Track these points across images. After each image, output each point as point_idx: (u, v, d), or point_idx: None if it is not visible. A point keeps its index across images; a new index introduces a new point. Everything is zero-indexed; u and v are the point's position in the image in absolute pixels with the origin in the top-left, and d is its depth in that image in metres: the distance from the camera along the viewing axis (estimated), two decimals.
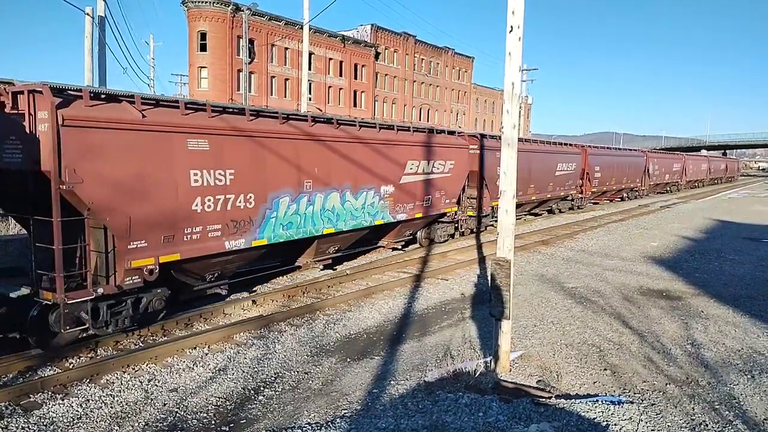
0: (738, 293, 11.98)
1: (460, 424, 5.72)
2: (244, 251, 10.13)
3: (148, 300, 8.84)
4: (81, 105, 7.61)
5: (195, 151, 8.93)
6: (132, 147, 8.06)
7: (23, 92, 7.43)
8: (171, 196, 8.62)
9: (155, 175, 8.38)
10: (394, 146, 14.08)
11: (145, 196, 8.25)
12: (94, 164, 7.62)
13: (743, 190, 56.94)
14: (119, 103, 8.18)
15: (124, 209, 7.98)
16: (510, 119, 7.27)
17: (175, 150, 8.64)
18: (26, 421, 6.14)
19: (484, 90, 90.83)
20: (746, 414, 6.27)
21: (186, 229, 8.90)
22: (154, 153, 8.36)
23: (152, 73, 41.89)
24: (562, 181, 26.73)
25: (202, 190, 9.06)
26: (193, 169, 8.91)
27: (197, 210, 9.03)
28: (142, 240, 8.32)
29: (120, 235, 8.02)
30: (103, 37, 19.83)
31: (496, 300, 7.25)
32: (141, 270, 8.33)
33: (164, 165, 8.50)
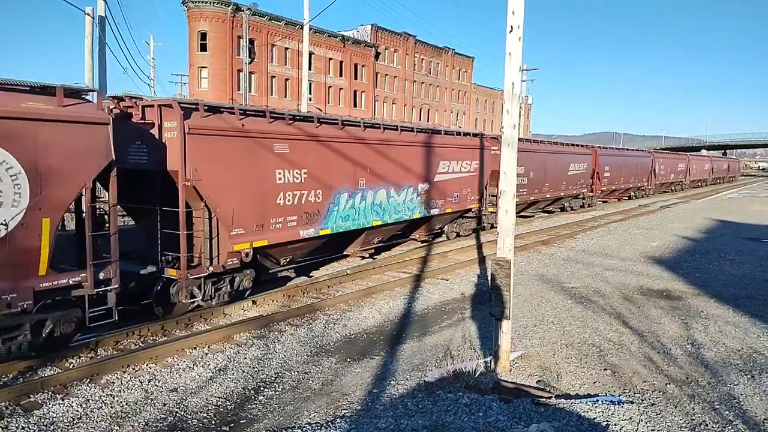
0: (738, 293, 11.98)
1: (460, 424, 5.72)
2: (312, 239, 11.93)
3: (240, 279, 10.52)
4: (198, 116, 9.33)
5: (279, 154, 10.76)
6: (235, 150, 9.86)
7: (153, 106, 9.26)
8: (262, 191, 10.49)
9: (251, 174, 10.19)
10: (429, 148, 15.65)
11: (244, 191, 10.07)
12: (209, 165, 9.35)
13: (743, 190, 56.95)
14: (222, 114, 9.89)
15: (229, 202, 9.76)
16: (510, 119, 7.28)
17: (265, 153, 10.48)
18: (26, 421, 6.14)
19: (484, 90, 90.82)
20: (746, 414, 6.27)
21: (272, 219, 10.76)
22: (251, 155, 10.17)
23: (152, 73, 41.94)
24: (574, 180, 28.03)
25: (284, 186, 10.93)
26: (277, 169, 10.76)
27: (280, 203, 10.90)
28: (241, 228, 10.09)
29: (225, 224, 9.78)
30: (103, 37, 19.84)
31: (496, 300, 7.25)
32: (239, 253, 10.09)
33: (258, 165, 10.33)
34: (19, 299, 6.94)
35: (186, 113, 9.09)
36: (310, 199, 11.57)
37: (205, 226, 9.66)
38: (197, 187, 9.17)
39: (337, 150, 12.15)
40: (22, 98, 7.03)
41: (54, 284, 7.32)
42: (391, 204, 14.27)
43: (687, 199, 40.00)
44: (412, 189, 15.06)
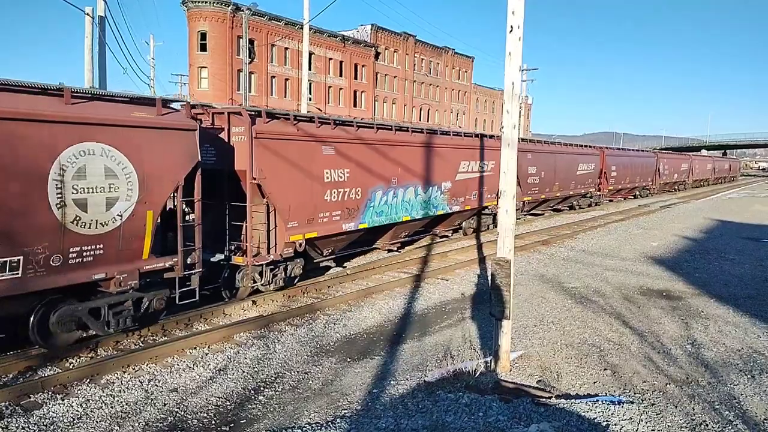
0: (738, 293, 11.98)
1: (460, 424, 5.72)
2: (352, 232, 13.17)
3: (293, 267, 11.57)
4: (262, 122, 10.56)
5: (326, 155, 11.97)
6: (291, 152, 11.05)
7: (223, 113, 10.53)
8: (313, 188, 11.71)
9: (304, 173, 11.39)
10: (451, 149, 16.85)
11: (299, 188, 11.30)
12: (271, 165, 10.54)
13: (743, 190, 56.95)
14: (279, 120, 11.10)
15: (286, 198, 10.98)
16: (510, 119, 7.28)
17: (315, 154, 11.71)
18: (26, 421, 6.14)
19: (484, 90, 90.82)
20: (746, 414, 6.27)
21: (320, 213, 11.96)
22: (304, 156, 11.41)
23: (152, 73, 41.88)
24: (582, 179, 29.11)
25: (330, 184, 12.14)
26: (325, 169, 11.98)
27: (327, 199, 12.11)
28: (296, 221, 11.29)
29: (283, 217, 10.98)
30: (103, 37, 19.84)
31: (496, 300, 7.25)
32: (294, 243, 11.30)
33: (310, 165, 11.54)
34: (129, 279, 8.18)
35: (252, 119, 10.34)
36: (351, 196, 12.85)
37: (266, 219, 10.89)
38: (261, 184, 10.44)
39: (373, 151, 13.44)
40: (130, 109, 8.24)
41: (154, 267, 8.59)
42: (418, 201, 15.45)
43: (687, 199, 40.01)
44: (436, 187, 16.18)
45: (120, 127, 7.85)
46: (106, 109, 7.92)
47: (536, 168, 23.43)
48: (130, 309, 8.42)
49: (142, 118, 8.16)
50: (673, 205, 34.27)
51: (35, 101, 7.17)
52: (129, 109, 8.20)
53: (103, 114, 7.76)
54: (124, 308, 8.34)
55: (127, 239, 8.05)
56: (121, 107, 8.17)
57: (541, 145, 24.98)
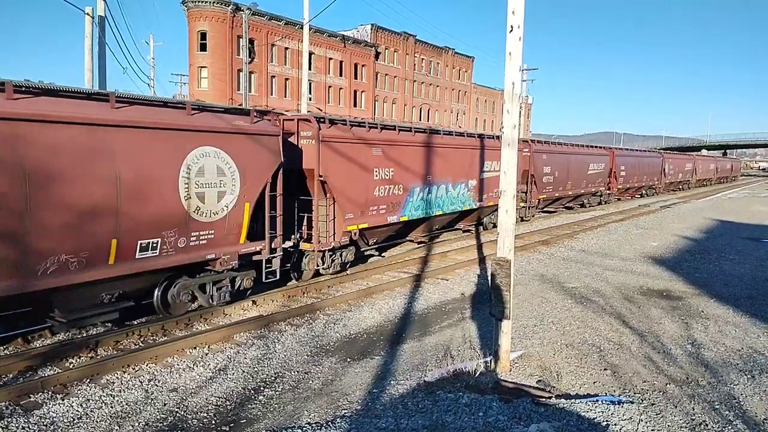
0: (738, 293, 11.98)
1: (460, 424, 5.72)
2: (394, 224, 14.87)
3: (346, 254, 13.28)
4: (325, 127, 12.17)
5: (375, 156, 13.59)
6: (349, 153, 12.64)
7: (293, 119, 12.07)
8: (366, 185, 13.38)
9: (359, 171, 13.01)
10: (476, 150, 18.44)
11: (354, 184, 12.94)
12: (333, 164, 12.15)
13: (743, 190, 56.95)
14: (337, 124, 12.67)
15: (344, 192, 12.62)
16: (510, 119, 7.27)
17: (367, 155, 13.32)
18: (26, 420, 6.14)
19: (484, 90, 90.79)
20: (746, 414, 6.27)
21: (370, 207, 13.60)
22: (358, 157, 12.97)
23: (152, 73, 41.84)
24: (593, 178, 30.61)
25: (379, 181, 13.81)
26: (375, 167, 13.61)
27: (376, 195, 13.76)
28: (351, 213, 12.93)
29: (342, 210, 12.60)
30: (103, 37, 19.83)
31: (496, 300, 7.25)
32: (350, 233, 12.99)
33: (363, 165, 13.14)
34: (230, 260, 9.82)
35: (318, 125, 11.91)
36: (395, 192, 14.49)
37: (328, 211, 12.38)
38: (325, 181, 12.02)
39: (412, 152, 15.11)
40: (231, 118, 9.86)
41: (248, 250, 10.21)
42: (449, 197, 17.00)
43: (687, 199, 40.00)
44: (464, 185, 17.77)
45: (226, 134, 9.52)
46: (214, 118, 9.60)
47: (551, 168, 24.84)
48: (228, 286, 10.16)
49: (241, 125, 9.87)
50: (673, 205, 34.27)
51: (166, 113, 8.78)
52: (230, 118, 9.87)
53: (214, 122, 9.43)
54: (223, 285, 10.10)
55: (231, 226, 9.74)
56: (224, 116, 9.83)
57: (555, 146, 26.56)
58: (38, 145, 7.08)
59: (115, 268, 8.06)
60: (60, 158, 7.28)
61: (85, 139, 7.56)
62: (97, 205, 7.66)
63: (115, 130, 7.89)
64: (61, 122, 7.32)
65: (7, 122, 6.79)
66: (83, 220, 7.52)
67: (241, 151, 9.73)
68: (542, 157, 24.09)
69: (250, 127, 10.01)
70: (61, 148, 7.30)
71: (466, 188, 17.81)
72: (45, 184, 7.10)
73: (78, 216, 7.46)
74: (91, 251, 7.69)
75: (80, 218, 7.49)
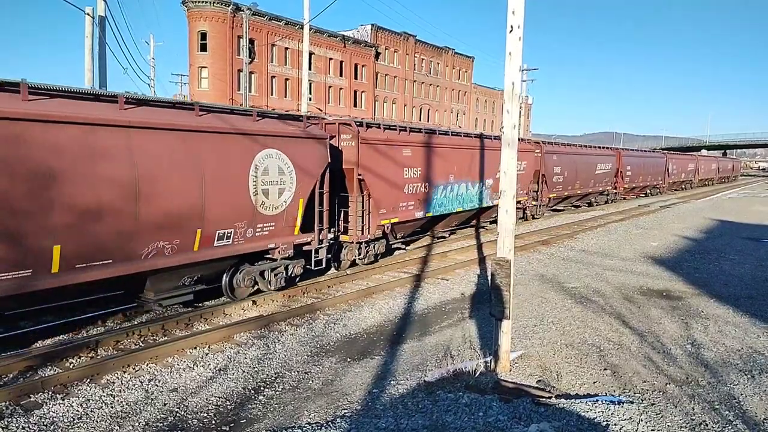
0: (738, 293, 11.99)
1: (460, 424, 5.73)
2: (420, 219, 16.03)
3: (378, 246, 14.65)
4: (363, 130, 13.47)
5: (405, 156, 14.79)
6: (383, 153, 13.84)
7: (334, 123, 13.33)
8: (397, 183, 14.52)
9: (391, 170, 14.22)
10: (494, 151, 19.00)
11: (388, 182, 14.10)
12: (370, 164, 13.41)
13: (743, 190, 56.95)
14: (372, 128, 14.00)
15: (379, 189, 13.79)
16: (510, 119, 7.28)
17: (398, 155, 14.49)
18: (26, 420, 6.14)
19: (484, 90, 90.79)
20: (746, 414, 6.27)
21: (401, 203, 14.79)
22: (391, 157, 14.17)
23: (152, 73, 41.83)
24: (600, 178, 31.90)
25: (408, 180, 14.94)
26: (405, 167, 14.78)
27: (405, 192, 14.92)
28: (384, 209, 14.14)
29: (377, 205, 13.85)
30: (103, 37, 19.83)
31: (496, 300, 7.25)
32: (383, 226, 14.28)
33: (395, 164, 14.36)
34: (287, 249, 11.11)
35: (358, 129, 13.22)
36: (422, 189, 15.64)
37: (364, 206, 13.63)
38: (363, 179, 13.29)
39: (437, 153, 16.13)
40: (286, 123, 11.25)
41: (301, 241, 11.49)
42: (468, 195, 18.27)
43: (687, 199, 40.01)
44: (481, 184, 18.99)
45: (285, 137, 10.81)
46: (274, 123, 10.91)
47: (560, 168, 26.07)
48: (283, 272, 11.34)
49: (296, 130, 11.18)
50: (673, 205, 34.28)
51: (237, 120, 10.06)
52: (286, 124, 11.19)
53: (275, 127, 10.75)
54: (279, 271, 11.25)
55: (288, 219, 10.98)
56: (280, 122, 11.14)
57: (565, 147, 27.88)
58: (145, 153, 8.28)
59: (199, 254, 9.33)
60: (162, 164, 8.48)
61: (181, 146, 8.81)
62: (189, 200, 8.90)
63: (202, 136, 9.15)
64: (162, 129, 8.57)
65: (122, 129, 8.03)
66: (178, 213, 8.79)
67: (297, 152, 11.00)
68: (552, 158, 25.32)
69: (304, 132, 11.35)
70: (162, 155, 8.52)
71: (484, 187, 19.05)
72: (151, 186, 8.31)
73: (174, 209, 8.73)
74: (181, 239, 8.94)
75: (176, 212, 8.76)
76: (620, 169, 34.60)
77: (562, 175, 26.27)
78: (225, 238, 9.69)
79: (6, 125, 6.85)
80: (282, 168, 10.63)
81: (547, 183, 25.02)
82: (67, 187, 7.38)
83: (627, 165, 35.66)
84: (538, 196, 24.82)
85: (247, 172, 9.90)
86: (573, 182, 27.75)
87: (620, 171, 34.65)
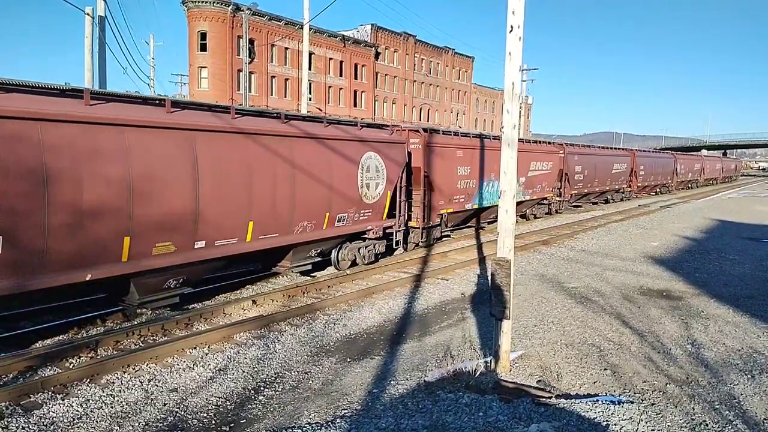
0: (738, 293, 11.98)
1: (460, 424, 5.72)
2: (469, 210, 19.23)
3: (435, 232, 17.66)
4: (428, 135, 16.44)
5: (458, 157, 17.81)
6: (441, 155, 16.83)
7: (404, 130, 16.24)
8: (452, 179, 17.66)
9: (448, 169, 17.32)
10: (527, 153, 22.67)
11: (446, 178, 17.21)
12: (432, 163, 16.45)
13: (743, 190, 56.95)
14: (433, 133, 16.82)
15: (439, 184, 16.85)
16: (510, 119, 7.27)
17: (453, 156, 17.57)
18: (26, 420, 6.13)
19: (484, 90, 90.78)
20: (746, 414, 6.27)
21: (454, 196, 17.93)
22: (448, 158, 17.26)
23: (152, 73, 41.81)
24: (616, 177, 34.96)
25: (460, 176, 18.04)
26: (457, 166, 17.84)
27: (458, 187, 18.00)
28: (442, 200, 17.23)
29: (437, 197, 16.88)
30: (103, 37, 19.83)
31: (497, 300, 7.25)
32: (442, 215, 17.63)
33: (451, 163, 17.47)
34: (377, 231, 14.10)
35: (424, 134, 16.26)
36: (470, 185, 18.67)
37: (428, 198, 16.54)
38: (428, 175, 16.29)
39: (482, 154, 19.03)
40: (378, 131, 14.39)
41: (387, 225, 14.55)
42: None
43: (687, 199, 40.00)
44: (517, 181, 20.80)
45: (380, 142, 13.85)
46: (372, 131, 14.00)
47: (581, 167, 29.39)
48: (372, 249, 14.27)
49: (386, 136, 14.36)
50: (673, 205, 34.28)
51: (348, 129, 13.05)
52: (379, 131, 14.45)
53: (374, 134, 13.87)
54: (370, 249, 14.20)
55: (379, 207, 13.98)
56: (374, 129, 14.35)
57: (586, 149, 31.39)
58: (301, 156, 11.21)
59: (326, 232, 12.35)
60: (308, 164, 11.43)
61: (317, 149, 11.75)
62: (323, 190, 11.88)
63: (330, 142, 12.13)
64: (307, 137, 11.53)
65: (285, 138, 10.92)
66: (317, 200, 11.82)
67: (387, 154, 14.04)
68: (574, 158, 28.57)
69: (389, 137, 14.43)
70: (308, 157, 11.48)
71: (519, 183, 21.62)
72: (304, 181, 11.30)
73: (315, 197, 11.74)
74: (317, 219, 11.93)
75: (316, 199, 11.76)
76: (634, 168, 36.92)
77: (582, 173, 29.38)
78: (341, 221, 12.81)
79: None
80: (378, 166, 13.63)
81: (570, 181, 28.10)
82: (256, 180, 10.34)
83: (641, 165, 38.01)
84: (562, 193, 27.82)
85: (356, 169, 12.89)
86: (592, 180, 31.04)
87: (634, 170, 36.93)
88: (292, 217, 11.16)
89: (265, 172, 10.36)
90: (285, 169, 10.77)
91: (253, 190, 10.06)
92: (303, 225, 11.51)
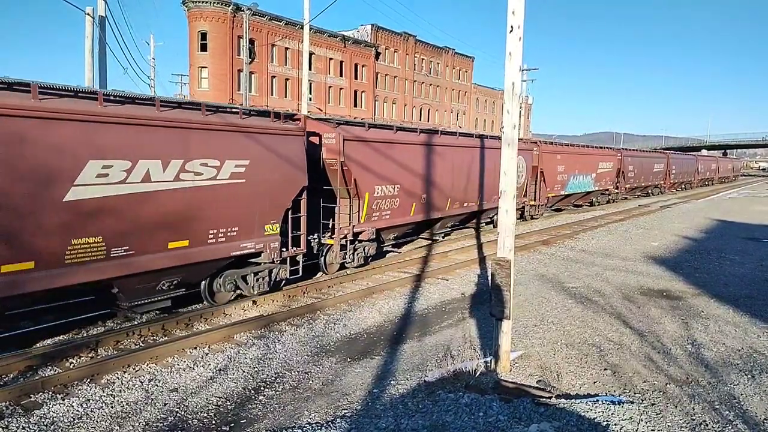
0: (738, 293, 11.98)
1: (460, 424, 5.73)
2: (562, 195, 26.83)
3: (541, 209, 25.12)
4: (544, 144, 24.92)
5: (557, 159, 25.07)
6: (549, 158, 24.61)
7: (524, 140, 23.49)
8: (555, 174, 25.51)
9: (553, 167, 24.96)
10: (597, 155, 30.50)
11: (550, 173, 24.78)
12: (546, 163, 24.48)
13: (743, 189, 56.93)
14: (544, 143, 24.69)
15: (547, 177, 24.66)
16: (510, 119, 7.26)
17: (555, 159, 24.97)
18: (27, 420, 6.14)
19: (484, 90, 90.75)
20: (746, 414, 6.27)
21: (554, 185, 25.27)
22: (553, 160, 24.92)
23: (152, 73, 41.81)
24: (656, 175, 42.76)
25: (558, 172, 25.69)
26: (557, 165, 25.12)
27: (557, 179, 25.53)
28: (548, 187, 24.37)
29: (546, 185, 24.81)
30: (103, 37, 19.83)
31: (497, 300, 7.25)
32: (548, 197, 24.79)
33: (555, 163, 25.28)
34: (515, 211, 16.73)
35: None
36: (564, 178, 26.02)
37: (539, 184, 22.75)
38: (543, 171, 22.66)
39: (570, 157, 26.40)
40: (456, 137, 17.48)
41: (519, 202, 14.46)
42: (585, 182, 29.18)
43: (687, 199, 39.99)
44: (590, 175, 29.73)
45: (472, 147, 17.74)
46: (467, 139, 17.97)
47: (632, 167, 34.87)
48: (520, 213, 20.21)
49: (523, 144, 17.18)
50: (673, 205, 34.27)
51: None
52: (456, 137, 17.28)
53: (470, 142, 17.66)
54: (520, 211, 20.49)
55: (518, 193, 16.18)
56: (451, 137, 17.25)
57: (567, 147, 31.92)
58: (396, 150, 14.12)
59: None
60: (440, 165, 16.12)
61: (464, 154, 17.27)
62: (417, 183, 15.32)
63: (453, 149, 16.71)
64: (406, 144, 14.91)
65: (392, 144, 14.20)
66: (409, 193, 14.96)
67: (525, 157, 20.56)
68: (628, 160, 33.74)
69: (525, 144, 20.15)
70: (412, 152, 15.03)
71: (590, 178, 29.73)
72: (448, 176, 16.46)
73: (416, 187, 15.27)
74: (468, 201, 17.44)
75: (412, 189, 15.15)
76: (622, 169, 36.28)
77: (633, 172, 36.46)
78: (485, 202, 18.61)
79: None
80: (519, 165, 16.71)
81: (624, 178, 34.83)
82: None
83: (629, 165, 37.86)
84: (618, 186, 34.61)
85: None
86: (639, 177, 37.89)
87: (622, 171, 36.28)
88: (435, 203, 16.33)
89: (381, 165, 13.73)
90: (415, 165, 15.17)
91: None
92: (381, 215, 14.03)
